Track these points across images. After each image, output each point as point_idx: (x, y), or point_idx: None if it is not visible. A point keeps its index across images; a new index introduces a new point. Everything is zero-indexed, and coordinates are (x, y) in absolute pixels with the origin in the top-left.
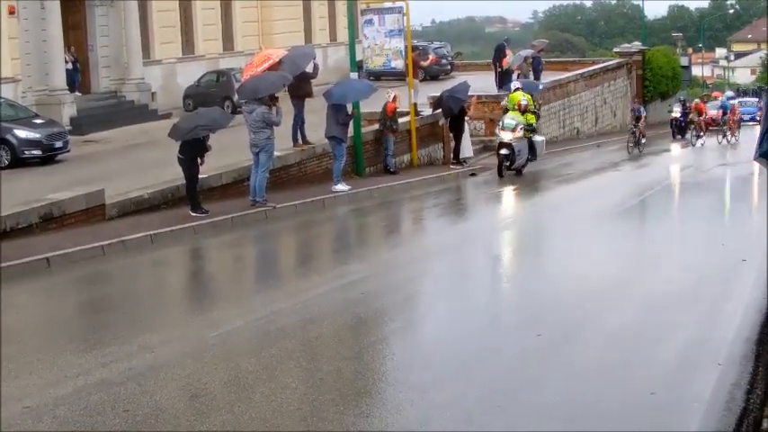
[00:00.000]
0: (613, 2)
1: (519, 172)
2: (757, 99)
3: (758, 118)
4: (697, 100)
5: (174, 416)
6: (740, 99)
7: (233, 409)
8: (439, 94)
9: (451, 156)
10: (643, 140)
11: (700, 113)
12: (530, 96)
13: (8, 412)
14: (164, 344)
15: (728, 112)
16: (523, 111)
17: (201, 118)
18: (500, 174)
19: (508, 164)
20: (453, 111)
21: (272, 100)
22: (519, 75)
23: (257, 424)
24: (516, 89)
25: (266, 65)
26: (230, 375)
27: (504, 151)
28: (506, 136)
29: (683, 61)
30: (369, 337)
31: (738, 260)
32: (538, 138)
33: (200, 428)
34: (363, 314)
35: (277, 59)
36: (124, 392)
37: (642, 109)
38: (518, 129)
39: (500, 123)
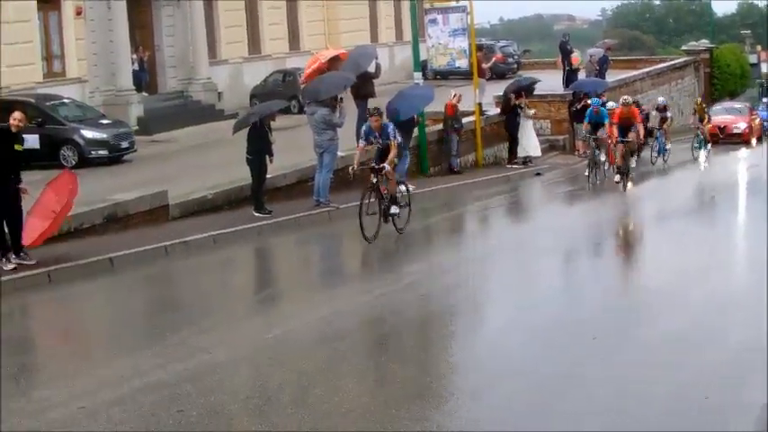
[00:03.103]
0: None
1: None
2: None
3: None
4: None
5: (228, 417)
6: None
7: (286, 410)
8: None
9: (508, 155)
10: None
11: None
12: None
13: (64, 412)
14: (221, 344)
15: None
16: None
17: (254, 109)
18: None
19: None
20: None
21: (334, 101)
22: (587, 74)
23: (309, 425)
24: None
25: (314, 66)
26: (285, 377)
27: None
28: None
29: (752, 59)
30: (426, 339)
31: None
32: None
33: (253, 429)
34: (422, 316)
35: (324, 60)
36: (179, 393)
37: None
38: None
39: None
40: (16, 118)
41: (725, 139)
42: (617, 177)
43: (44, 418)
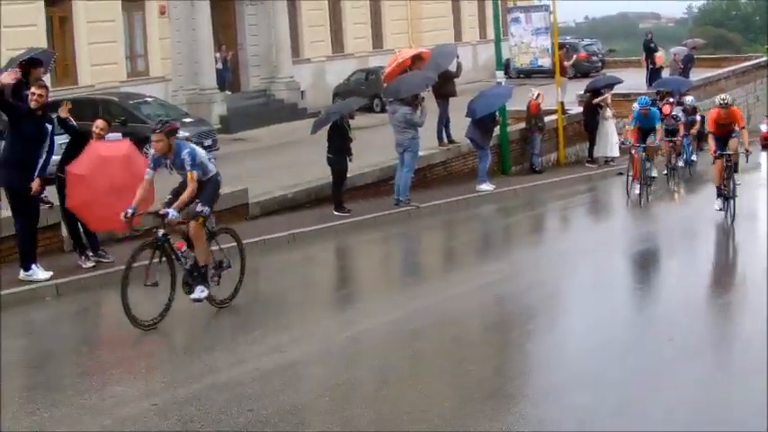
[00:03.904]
0: None
1: None
2: None
3: None
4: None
5: (299, 416)
6: None
7: (354, 410)
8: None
9: (587, 154)
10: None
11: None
12: None
13: (136, 409)
14: (294, 343)
15: (657, 124)
16: None
17: (332, 107)
18: None
19: None
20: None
21: (416, 100)
22: (671, 72)
23: (377, 425)
24: None
25: (394, 65)
26: (356, 376)
27: None
28: None
29: None
30: (500, 341)
31: None
32: None
33: (321, 429)
34: (497, 317)
35: (403, 59)
36: (250, 392)
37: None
38: None
39: None
40: (98, 126)
41: None
42: (717, 203)
43: (116, 415)
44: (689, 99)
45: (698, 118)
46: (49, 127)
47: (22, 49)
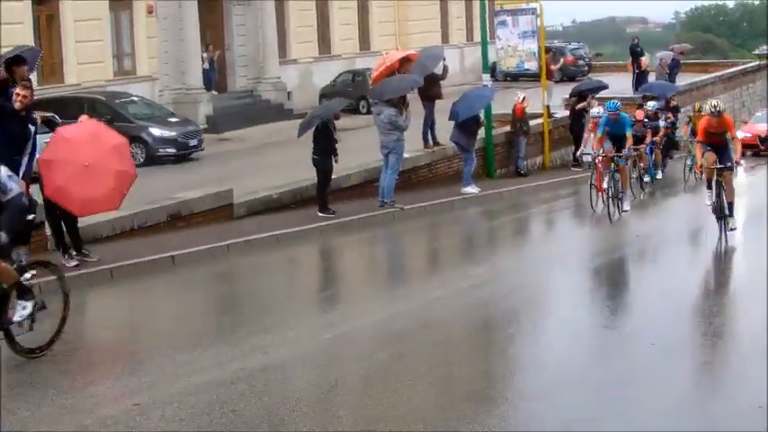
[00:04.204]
0: (756, 2)
1: None
2: None
3: None
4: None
5: (280, 418)
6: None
7: (338, 412)
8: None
9: (572, 158)
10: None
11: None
12: None
13: (118, 409)
14: (277, 344)
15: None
16: None
17: (316, 110)
18: None
19: None
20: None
21: (402, 102)
22: (657, 77)
23: (360, 426)
24: None
25: (382, 68)
26: (338, 378)
27: None
28: None
29: None
30: (482, 343)
31: None
32: None
33: (303, 430)
34: (479, 320)
35: (389, 63)
36: (233, 393)
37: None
38: None
39: None
40: (83, 122)
41: (767, 150)
42: (707, 197)
43: (98, 414)
44: (651, 104)
45: (661, 123)
46: (33, 128)
47: (8, 47)
